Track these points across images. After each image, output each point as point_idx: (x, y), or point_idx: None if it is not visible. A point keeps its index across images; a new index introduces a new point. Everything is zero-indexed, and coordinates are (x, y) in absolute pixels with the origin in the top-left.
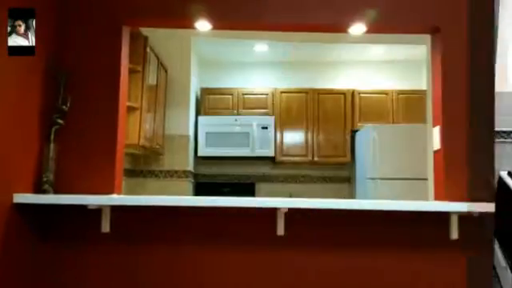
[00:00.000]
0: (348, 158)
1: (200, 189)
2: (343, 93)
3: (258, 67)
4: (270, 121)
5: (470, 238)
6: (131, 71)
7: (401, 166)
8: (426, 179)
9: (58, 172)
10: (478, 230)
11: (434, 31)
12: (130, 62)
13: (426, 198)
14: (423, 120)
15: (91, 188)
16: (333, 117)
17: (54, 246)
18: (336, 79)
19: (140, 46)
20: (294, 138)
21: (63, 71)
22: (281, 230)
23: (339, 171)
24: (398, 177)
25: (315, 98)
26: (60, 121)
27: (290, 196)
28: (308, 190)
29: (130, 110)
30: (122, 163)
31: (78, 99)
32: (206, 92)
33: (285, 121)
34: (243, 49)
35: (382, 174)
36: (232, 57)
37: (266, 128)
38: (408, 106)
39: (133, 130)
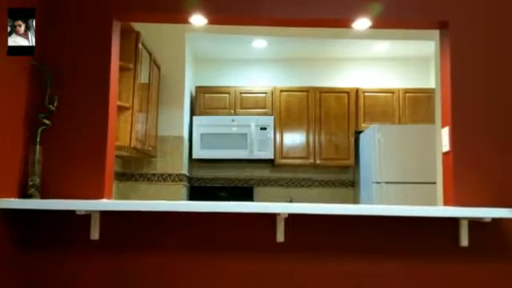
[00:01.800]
0: (351, 161)
1: (195, 193)
2: (347, 91)
3: (257, 64)
4: (269, 121)
5: (481, 246)
6: (122, 69)
7: (407, 168)
8: (434, 183)
9: (44, 175)
10: (490, 237)
11: (442, 26)
12: (121, 59)
13: (434, 203)
14: (431, 120)
15: (80, 193)
16: (335, 117)
17: (40, 254)
18: (339, 77)
19: (131, 42)
20: (294, 139)
21: (49, 68)
22: (281, 237)
23: (342, 174)
24: (404, 180)
25: (317, 96)
26: (47, 121)
27: (291, 201)
28: (309, 194)
29: (121, 109)
30: (112, 166)
31: (66, 98)
32: (201, 91)
33: (285, 121)
34: (241, 45)
35: (388, 177)
36: (229, 53)
37: (265, 129)
38: (415, 105)
39: (124, 130)
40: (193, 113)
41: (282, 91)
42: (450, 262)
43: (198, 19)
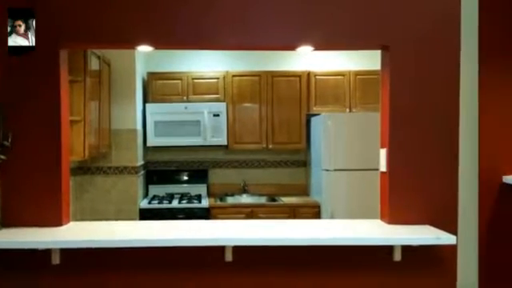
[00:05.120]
0: (303, 145)
1: (151, 178)
2: (298, 75)
3: None
4: (221, 108)
5: (412, 261)
6: (71, 82)
7: (356, 156)
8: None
9: (4, 206)
10: (419, 254)
11: (383, 48)
12: (70, 72)
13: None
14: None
15: (39, 220)
16: (287, 101)
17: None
18: (291, 60)
19: (80, 53)
20: (246, 124)
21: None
22: (229, 256)
23: (295, 155)
24: (353, 168)
25: (269, 81)
26: (2, 156)
27: (244, 184)
28: (263, 174)
29: (73, 122)
30: (68, 193)
31: (20, 132)
32: (153, 77)
33: (237, 106)
34: None
35: (337, 164)
36: None
37: (218, 115)
38: (366, 87)
39: (77, 143)
40: (145, 100)
41: (234, 76)
42: (385, 275)
43: (143, 47)
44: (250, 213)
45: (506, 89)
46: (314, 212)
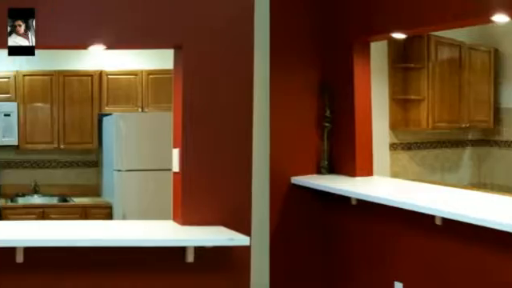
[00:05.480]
0: (95, 145)
1: None
2: (90, 74)
3: None
4: (12, 107)
5: (205, 262)
6: None
7: (149, 156)
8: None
9: None
10: (212, 254)
11: (176, 47)
12: None
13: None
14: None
15: None
16: (79, 101)
17: None
18: (83, 59)
19: None
20: (38, 124)
21: None
22: (20, 258)
23: (87, 155)
24: (145, 168)
25: (61, 80)
26: None
27: (35, 184)
28: (55, 175)
29: None
30: None
31: None
32: None
33: (28, 106)
34: None
35: (129, 165)
36: None
37: (9, 115)
38: (159, 86)
39: None
40: None
41: (24, 76)
42: (177, 277)
43: None
44: (42, 213)
45: (293, 90)
46: (105, 213)
